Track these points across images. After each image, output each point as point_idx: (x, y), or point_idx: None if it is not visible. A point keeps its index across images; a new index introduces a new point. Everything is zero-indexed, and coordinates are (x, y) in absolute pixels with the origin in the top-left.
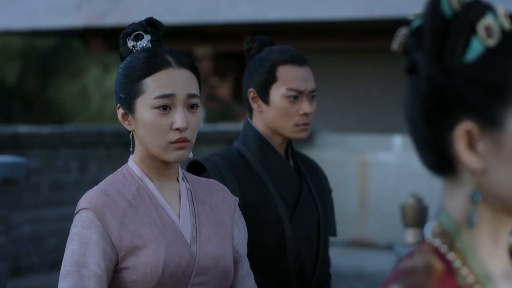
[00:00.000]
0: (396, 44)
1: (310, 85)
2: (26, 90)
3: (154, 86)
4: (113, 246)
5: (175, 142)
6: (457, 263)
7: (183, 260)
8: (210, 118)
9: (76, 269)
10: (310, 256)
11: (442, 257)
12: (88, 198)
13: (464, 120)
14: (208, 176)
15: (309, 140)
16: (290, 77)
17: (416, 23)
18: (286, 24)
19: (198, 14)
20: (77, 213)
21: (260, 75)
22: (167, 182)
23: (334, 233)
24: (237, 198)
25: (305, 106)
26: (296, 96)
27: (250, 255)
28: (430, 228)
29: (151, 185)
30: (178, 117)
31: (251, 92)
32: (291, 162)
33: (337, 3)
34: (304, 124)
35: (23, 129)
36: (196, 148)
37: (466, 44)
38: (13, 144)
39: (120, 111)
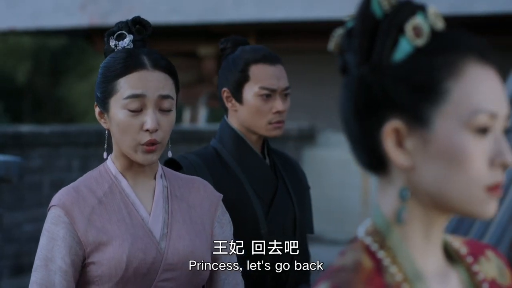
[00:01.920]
0: (331, 44)
1: (282, 83)
2: (37, 90)
3: (126, 86)
4: (80, 242)
5: (145, 144)
6: (386, 261)
7: (149, 256)
8: (213, 117)
9: (44, 264)
10: (286, 254)
11: (372, 255)
12: (58, 195)
13: (392, 118)
14: (184, 174)
15: (312, 139)
16: (263, 76)
17: (349, 24)
18: (290, 24)
19: (202, 13)
20: (49, 209)
21: (233, 75)
22: (142, 179)
23: (311, 231)
24: (221, 195)
25: (278, 104)
26: (268, 95)
27: None
28: (364, 226)
29: (124, 183)
30: (149, 118)
31: (225, 92)
32: (267, 160)
33: (343, 2)
34: (278, 122)
35: (25, 128)
36: (198, 147)
37: (394, 44)
38: (15, 143)
39: (96, 110)
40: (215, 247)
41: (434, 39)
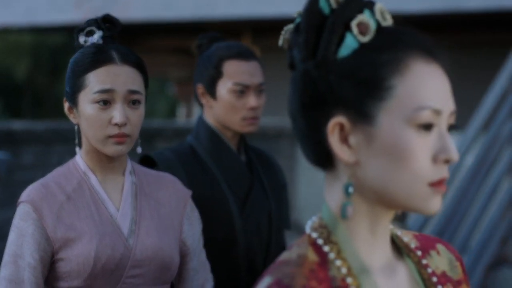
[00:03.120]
0: (281, 40)
1: (256, 79)
2: (36, 87)
3: (95, 81)
4: (48, 238)
5: (114, 136)
6: (331, 255)
7: (117, 252)
8: None
9: (13, 260)
10: (261, 250)
11: (318, 249)
12: (27, 192)
13: (337, 114)
14: (159, 170)
15: None
16: (236, 72)
17: (298, 20)
18: (285, 20)
19: (195, 9)
20: (18, 205)
21: (207, 71)
22: (111, 175)
23: (288, 226)
24: (190, 192)
25: (252, 100)
26: (242, 91)
27: None
28: (312, 221)
29: (93, 179)
30: (117, 113)
31: (200, 88)
32: (243, 157)
33: None
34: (252, 118)
35: (18, 125)
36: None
37: (340, 40)
38: (7, 140)
39: (66, 105)
40: (183, 243)
41: (380, 36)
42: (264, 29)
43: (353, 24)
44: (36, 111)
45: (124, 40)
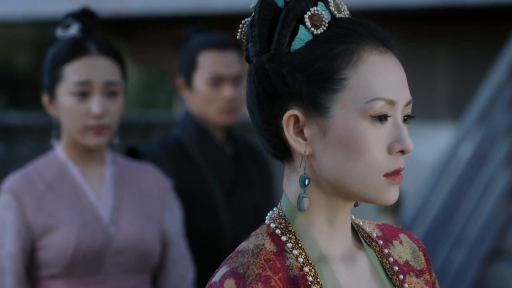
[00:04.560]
0: (239, 34)
1: (232, 69)
2: (39, 79)
3: (72, 73)
4: (29, 227)
5: (93, 127)
6: (289, 244)
7: (97, 240)
8: None
9: None
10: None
11: (276, 239)
12: (8, 182)
13: (291, 106)
14: (145, 161)
15: None
16: (211, 63)
17: (253, 14)
18: None
19: (193, 0)
20: None
21: (185, 62)
22: (91, 165)
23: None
24: (171, 182)
25: (227, 91)
26: (217, 82)
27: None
28: (271, 212)
29: (73, 168)
30: (95, 104)
31: (179, 80)
32: (230, 149)
33: None
34: (229, 109)
35: (13, 117)
36: None
37: (293, 33)
38: (3, 132)
39: (44, 98)
40: (164, 233)
41: (334, 28)
42: None
43: (306, 17)
44: (38, 104)
45: (122, 31)
